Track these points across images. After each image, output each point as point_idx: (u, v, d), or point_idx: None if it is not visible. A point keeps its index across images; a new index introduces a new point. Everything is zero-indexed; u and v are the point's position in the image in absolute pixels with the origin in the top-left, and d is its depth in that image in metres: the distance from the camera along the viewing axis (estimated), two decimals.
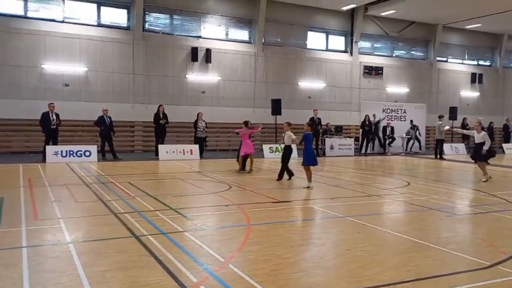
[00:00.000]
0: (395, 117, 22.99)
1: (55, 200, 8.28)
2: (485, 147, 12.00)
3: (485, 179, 11.79)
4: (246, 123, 13.30)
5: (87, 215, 7.16)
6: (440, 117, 19.99)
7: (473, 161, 12.63)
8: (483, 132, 12.31)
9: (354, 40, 24.33)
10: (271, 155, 18.39)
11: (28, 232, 5.89)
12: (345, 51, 24.72)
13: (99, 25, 19.38)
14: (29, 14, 18.13)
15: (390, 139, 21.82)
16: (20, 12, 18.03)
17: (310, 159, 10.28)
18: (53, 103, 15.64)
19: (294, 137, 11.43)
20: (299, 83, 23.17)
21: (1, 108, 17.19)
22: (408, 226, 6.89)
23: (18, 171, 12.40)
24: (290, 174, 11.50)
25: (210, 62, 20.83)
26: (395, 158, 19.82)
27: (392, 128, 21.82)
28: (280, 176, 11.45)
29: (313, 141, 19.55)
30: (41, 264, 4.65)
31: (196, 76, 20.84)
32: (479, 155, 12.10)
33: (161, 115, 17.19)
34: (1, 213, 7.09)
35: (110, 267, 4.57)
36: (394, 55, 26.31)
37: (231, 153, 17.66)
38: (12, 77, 17.55)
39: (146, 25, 20.12)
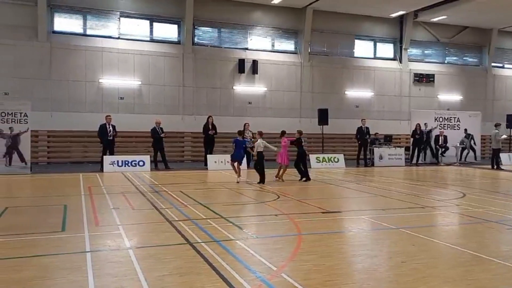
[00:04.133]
0: (448, 125, 22.13)
1: (114, 207, 8.71)
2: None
3: None
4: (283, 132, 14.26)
5: (144, 222, 7.49)
6: (497, 125, 19.06)
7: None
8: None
9: (403, 47, 23.80)
10: (318, 165, 18.28)
11: (90, 238, 6.24)
12: (394, 59, 24.21)
13: (152, 40, 20.26)
14: (88, 32, 19.32)
15: (443, 149, 21.02)
16: (80, 30, 19.25)
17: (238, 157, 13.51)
18: (110, 116, 16.50)
19: (266, 144, 13.60)
20: (346, 92, 22.93)
21: (62, 121, 18.32)
22: (465, 239, 6.63)
23: (79, 180, 13.15)
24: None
25: (257, 73, 21.14)
26: (449, 169, 19.04)
27: (445, 137, 21.02)
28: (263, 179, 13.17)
29: (360, 150, 19.62)
30: (103, 268, 4.92)
31: (243, 87, 21.20)
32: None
33: (210, 126, 17.62)
34: (66, 219, 7.57)
35: (168, 272, 4.77)
36: (446, 61, 25.44)
37: (277, 163, 17.69)
38: (72, 91, 18.69)
39: (196, 39, 20.79)
